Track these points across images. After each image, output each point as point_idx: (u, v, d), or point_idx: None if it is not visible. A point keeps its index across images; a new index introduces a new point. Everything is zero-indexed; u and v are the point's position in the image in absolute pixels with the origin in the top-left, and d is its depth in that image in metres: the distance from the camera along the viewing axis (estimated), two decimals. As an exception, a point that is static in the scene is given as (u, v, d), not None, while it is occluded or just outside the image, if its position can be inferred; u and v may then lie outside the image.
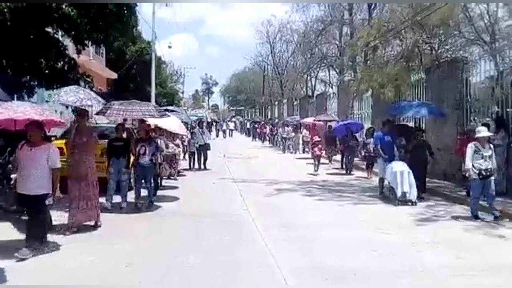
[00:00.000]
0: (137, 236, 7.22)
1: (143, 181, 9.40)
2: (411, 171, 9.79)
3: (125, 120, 10.32)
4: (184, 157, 16.19)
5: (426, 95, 14.24)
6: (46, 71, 11.83)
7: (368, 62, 20.69)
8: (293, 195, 11.26)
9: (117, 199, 9.19)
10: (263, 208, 9.54)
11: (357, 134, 16.65)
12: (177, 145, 13.26)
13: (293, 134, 24.75)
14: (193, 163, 16.30)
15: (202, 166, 16.31)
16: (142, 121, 9.78)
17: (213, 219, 8.42)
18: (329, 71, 32.49)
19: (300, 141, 24.16)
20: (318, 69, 33.19)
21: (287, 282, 5.21)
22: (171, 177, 12.96)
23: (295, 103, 34.91)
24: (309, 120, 23.46)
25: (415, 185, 9.72)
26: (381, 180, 10.83)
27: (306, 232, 7.50)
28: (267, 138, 33.52)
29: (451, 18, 13.12)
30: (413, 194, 9.67)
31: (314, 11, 29.31)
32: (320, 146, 15.77)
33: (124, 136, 9.59)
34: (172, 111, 18.16)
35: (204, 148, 16.28)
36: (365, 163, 14.78)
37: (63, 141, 10.80)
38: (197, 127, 17.03)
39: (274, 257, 6.05)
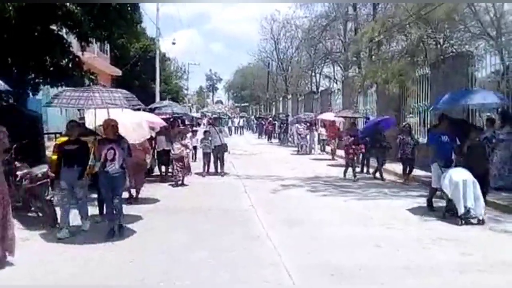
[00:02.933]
0: (140, 233, 7.20)
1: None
2: (476, 181, 7.72)
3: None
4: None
5: (431, 90, 14.18)
6: (51, 69, 11.85)
7: (373, 57, 20.67)
8: (299, 191, 11.27)
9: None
10: (269, 205, 9.54)
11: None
12: (185, 146, 11.86)
13: (307, 131, 22.49)
14: (208, 167, 14.15)
15: (219, 170, 14.14)
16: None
17: (218, 216, 8.44)
18: (333, 67, 32.46)
19: (316, 140, 22.39)
20: (322, 65, 33.17)
21: (292, 279, 5.20)
22: (177, 184, 11.65)
23: (299, 99, 34.85)
24: (328, 116, 20.69)
25: (482, 199, 7.73)
26: (434, 191, 8.75)
27: (312, 228, 7.49)
28: (276, 135, 32.28)
29: (456, 12, 13.07)
30: (479, 210, 7.67)
31: (318, 6, 29.17)
32: (354, 147, 13.47)
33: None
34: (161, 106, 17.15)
35: (221, 149, 14.20)
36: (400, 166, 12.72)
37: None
38: (213, 126, 14.97)
39: (279, 254, 6.04)
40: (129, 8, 11.63)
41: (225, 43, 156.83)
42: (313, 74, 35.03)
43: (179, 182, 11.70)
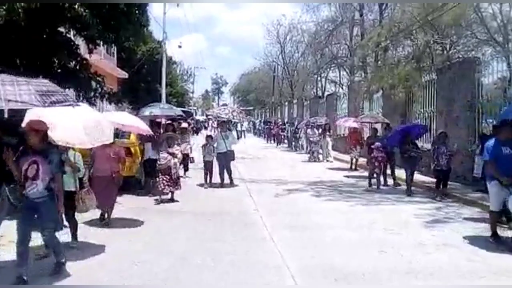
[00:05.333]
0: (145, 235, 7.24)
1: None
2: None
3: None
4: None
5: (437, 96, 14.16)
6: (58, 70, 11.92)
7: (379, 62, 20.69)
8: (303, 196, 11.26)
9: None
10: (273, 209, 9.56)
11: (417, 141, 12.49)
12: (172, 154, 10.01)
13: (319, 137, 20.86)
14: (210, 176, 12.63)
15: (225, 181, 12.66)
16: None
17: (221, 219, 8.45)
18: (339, 72, 32.49)
19: (330, 147, 20.52)
20: (328, 70, 33.18)
21: (296, 282, 5.22)
22: (162, 200, 9.97)
23: (305, 103, 34.85)
24: (349, 122, 18.58)
25: None
26: (496, 215, 7.06)
27: (316, 232, 7.49)
28: (285, 140, 30.80)
29: (463, 18, 13.08)
30: None
31: (324, 11, 29.37)
32: (381, 156, 12.20)
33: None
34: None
35: (227, 157, 12.63)
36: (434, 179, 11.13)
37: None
38: (217, 130, 13.57)
39: (283, 257, 6.06)
40: (136, 11, 11.72)
41: (232, 46, 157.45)
42: (319, 78, 35.08)
43: (168, 197, 10.12)
